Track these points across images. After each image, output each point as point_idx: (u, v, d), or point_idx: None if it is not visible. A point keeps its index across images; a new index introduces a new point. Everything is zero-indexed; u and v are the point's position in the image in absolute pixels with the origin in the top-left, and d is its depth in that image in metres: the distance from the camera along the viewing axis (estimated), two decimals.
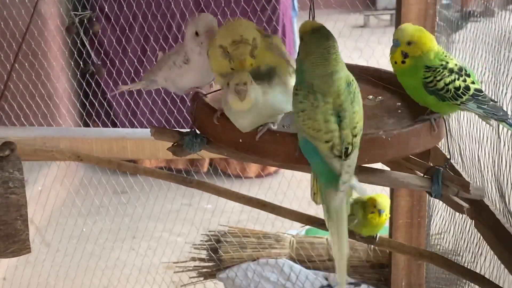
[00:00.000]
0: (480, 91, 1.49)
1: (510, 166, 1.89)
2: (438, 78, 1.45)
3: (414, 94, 1.51)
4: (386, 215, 1.86)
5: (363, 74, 1.70)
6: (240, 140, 1.43)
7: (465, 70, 1.49)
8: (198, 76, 1.61)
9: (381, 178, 1.50)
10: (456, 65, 1.48)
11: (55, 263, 3.57)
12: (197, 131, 1.54)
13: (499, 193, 1.90)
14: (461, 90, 1.46)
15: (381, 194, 1.90)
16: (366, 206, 1.87)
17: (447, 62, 1.48)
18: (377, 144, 1.40)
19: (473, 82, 1.48)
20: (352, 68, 1.43)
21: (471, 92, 1.47)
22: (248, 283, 3.02)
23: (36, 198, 3.53)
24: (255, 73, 1.41)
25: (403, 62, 1.47)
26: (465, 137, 2.12)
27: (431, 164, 1.56)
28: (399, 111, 1.58)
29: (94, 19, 3.96)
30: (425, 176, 1.53)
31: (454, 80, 1.46)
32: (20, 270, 3.55)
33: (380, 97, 1.64)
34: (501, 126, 1.86)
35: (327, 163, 1.31)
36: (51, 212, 3.91)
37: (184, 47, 1.61)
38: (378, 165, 1.52)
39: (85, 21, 3.97)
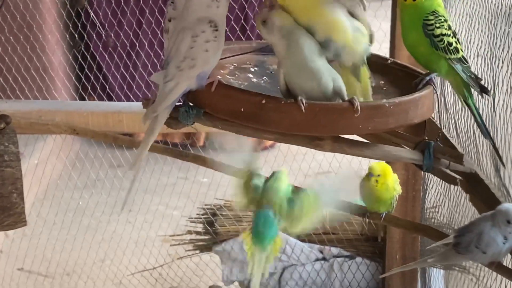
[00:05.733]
0: (467, 61, 1.53)
1: (505, 140, 1.89)
2: (437, 25, 1.48)
3: (411, 34, 1.52)
4: (377, 181, 1.76)
5: None
6: (242, 110, 1.38)
7: (457, 37, 1.53)
8: None
9: (375, 151, 1.51)
10: (452, 27, 1.52)
11: (52, 236, 3.57)
12: (190, 103, 1.48)
13: (494, 167, 1.90)
14: (452, 47, 1.50)
15: (381, 163, 1.82)
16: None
17: (448, 20, 1.51)
18: (381, 112, 1.39)
19: (462, 50, 1.52)
20: None
21: (460, 55, 1.51)
22: (244, 256, 3.03)
23: (32, 172, 3.52)
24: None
25: None
26: (461, 111, 2.12)
27: (426, 138, 1.57)
28: (384, 88, 1.59)
29: None
30: (415, 149, 1.55)
31: (450, 35, 1.49)
32: (17, 243, 3.56)
33: None
34: (495, 100, 1.87)
35: None
36: (47, 185, 3.91)
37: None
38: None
39: None
